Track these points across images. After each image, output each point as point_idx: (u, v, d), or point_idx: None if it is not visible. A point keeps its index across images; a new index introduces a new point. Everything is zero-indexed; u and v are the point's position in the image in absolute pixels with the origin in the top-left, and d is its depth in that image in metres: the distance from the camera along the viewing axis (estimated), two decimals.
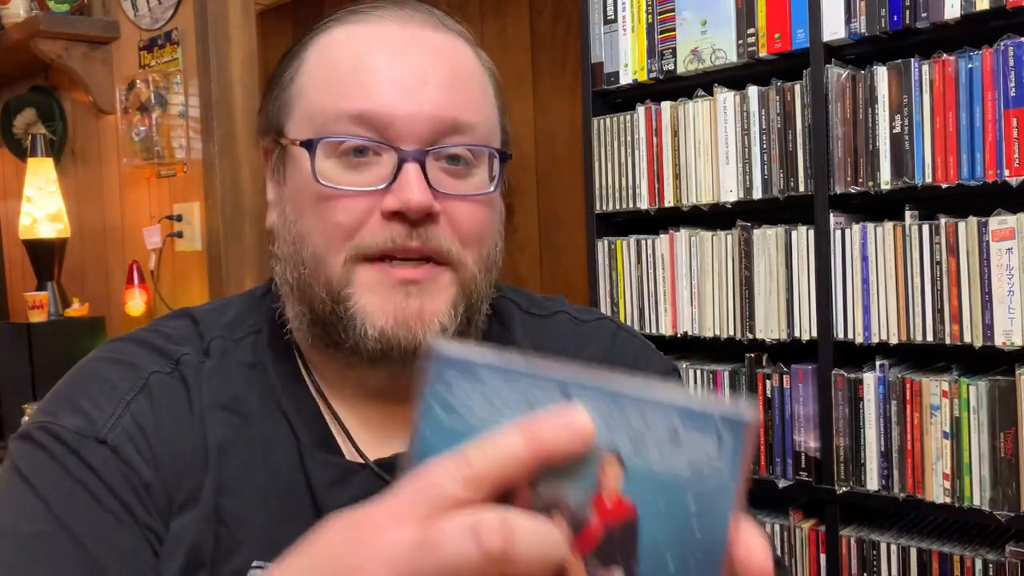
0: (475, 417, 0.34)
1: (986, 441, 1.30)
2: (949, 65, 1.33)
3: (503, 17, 2.36)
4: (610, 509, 0.32)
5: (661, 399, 0.32)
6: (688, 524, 0.32)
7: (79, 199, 2.61)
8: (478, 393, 0.34)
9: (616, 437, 0.32)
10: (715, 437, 0.32)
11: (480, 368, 0.34)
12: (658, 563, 0.32)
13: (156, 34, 2.33)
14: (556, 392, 0.33)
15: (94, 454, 0.55)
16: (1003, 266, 1.28)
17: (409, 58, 0.59)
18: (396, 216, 0.57)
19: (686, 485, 0.32)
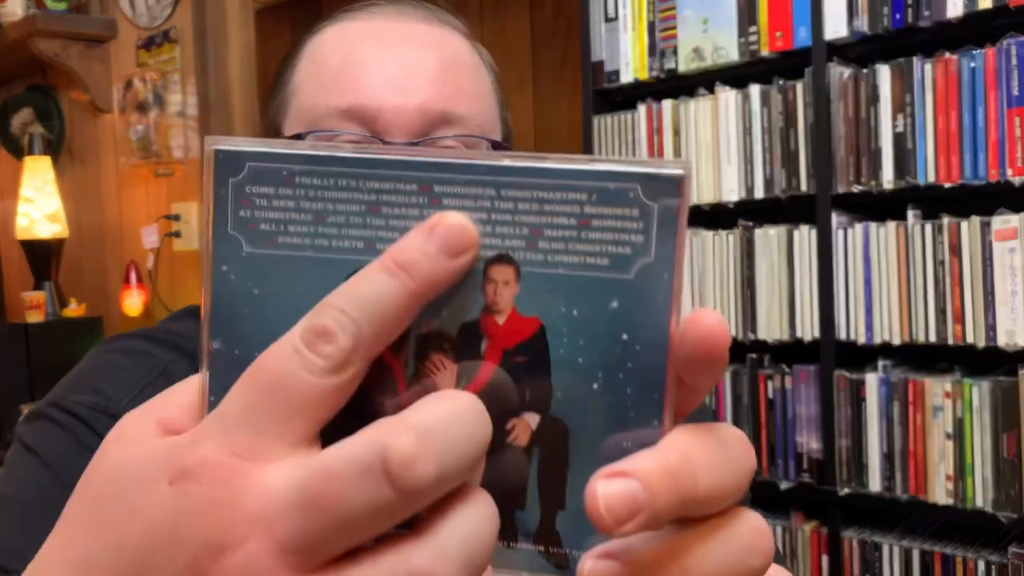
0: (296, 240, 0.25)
1: (989, 442, 1.30)
2: (952, 64, 1.32)
3: (503, 16, 2.35)
4: (504, 328, 0.25)
5: (558, 171, 0.24)
6: (612, 330, 0.24)
7: (77, 198, 2.60)
8: (295, 206, 0.25)
9: (507, 237, 0.24)
10: (637, 208, 0.24)
11: (294, 167, 0.25)
12: (579, 388, 0.24)
13: (154, 33, 2.32)
14: (414, 188, 0.24)
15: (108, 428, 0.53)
16: (1006, 266, 1.28)
17: (398, 51, 0.59)
18: None
19: (604, 280, 0.24)
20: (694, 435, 0.24)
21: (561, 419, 0.24)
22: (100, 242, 2.58)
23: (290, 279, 0.25)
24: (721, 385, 1.58)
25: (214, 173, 0.25)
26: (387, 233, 0.24)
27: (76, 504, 0.26)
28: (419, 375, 0.25)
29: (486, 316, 0.24)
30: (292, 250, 0.25)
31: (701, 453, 0.23)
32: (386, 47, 0.59)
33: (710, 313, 0.23)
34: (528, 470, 0.25)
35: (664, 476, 0.22)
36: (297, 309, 0.24)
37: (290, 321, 0.23)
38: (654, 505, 0.22)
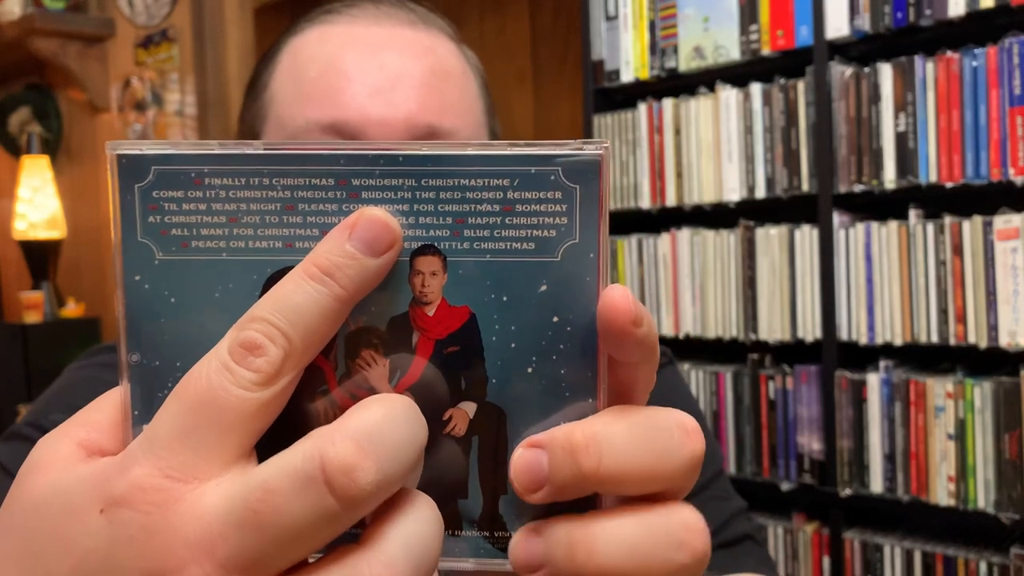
0: (210, 244, 0.24)
1: (991, 443, 1.29)
2: (953, 63, 1.32)
3: (503, 14, 2.34)
4: (434, 319, 0.24)
5: (478, 157, 0.24)
6: (542, 313, 0.24)
7: (75, 198, 2.59)
8: (207, 208, 0.24)
9: (427, 225, 0.24)
10: (559, 191, 0.24)
11: (201, 168, 0.24)
12: (513, 372, 0.24)
13: (152, 31, 2.31)
14: (331, 183, 0.24)
15: None
16: (1008, 266, 1.27)
17: (381, 59, 0.55)
18: None
19: (531, 264, 0.24)
20: (616, 415, 0.24)
21: (498, 405, 0.25)
22: (98, 242, 2.57)
23: (208, 284, 0.24)
24: (722, 385, 1.57)
25: (118, 179, 0.24)
26: (306, 231, 0.24)
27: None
28: (350, 373, 0.24)
29: (415, 308, 0.24)
30: (207, 254, 0.24)
31: (615, 432, 0.23)
32: (368, 55, 0.55)
33: (615, 288, 0.23)
34: (468, 459, 0.25)
35: (565, 450, 0.23)
36: (217, 315, 0.23)
37: (211, 328, 0.23)
38: (554, 476, 0.23)
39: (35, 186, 2.41)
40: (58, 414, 0.53)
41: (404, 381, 0.24)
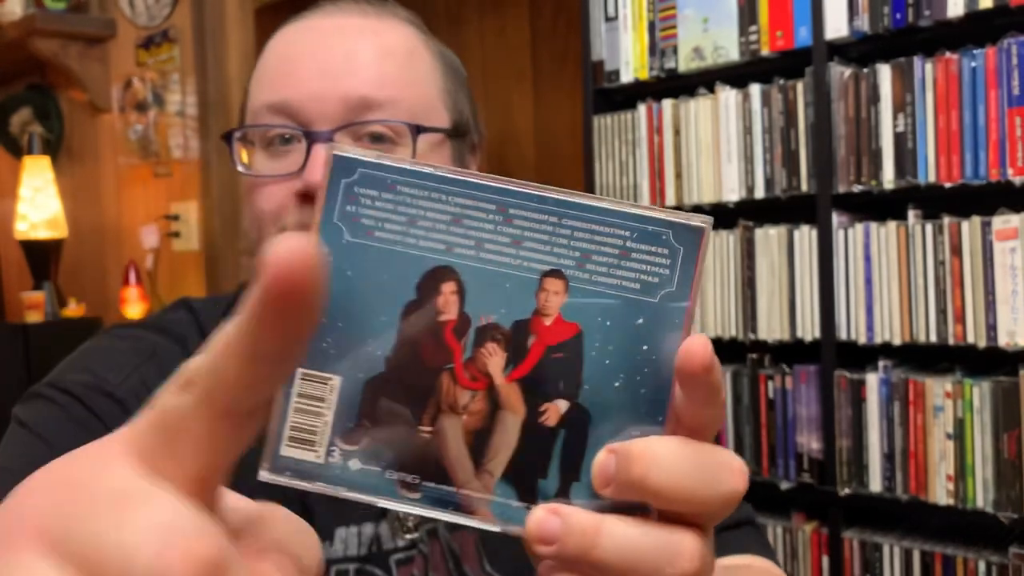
0: (387, 235, 0.30)
1: (990, 442, 1.29)
2: (952, 63, 1.32)
3: (503, 15, 2.35)
4: (549, 330, 0.30)
5: (611, 211, 0.30)
6: (636, 341, 0.30)
7: (76, 198, 2.60)
8: (392, 209, 0.30)
9: (561, 256, 0.30)
10: (667, 249, 0.30)
11: (396, 176, 0.30)
12: (603, 384, 0.30)
13: (153, 32, 2.32)
14: (492, 207, 0.30)
15: (100, 404, 0.57)
16: (1007, 266, 1.27)
17: (328, 43, 0.60)
18: (307, 198, 0.57)
19: (634, 302, 0.30)
20: (675, 443, 0.29)
21: (585, 407, 0.30)
22: (99, 242, 2.57)
23: (378, 268, 0.30)
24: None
25: (330, 172, 0.30)
26: (465, 241, 0.30)
27: None
28: (474, 358, 0.30)
29: (536, 317, 0.30)
30: (385, 244, 0.30)
31: (667, 452, 0.28)
32: (315, 41, 0.60)
33: (698, 336, 0.28)
34: (554, 446, 0.30)
35: (625, 457, 0.28)
36: (380, 292, 0.30)
37: (371, 302, 0.30)
38: (619, 478, 0.28)
39: (36, 186, 2.41)
40: (74, 375, 0.59)
41: (515, 373, 0.30)
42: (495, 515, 0.30)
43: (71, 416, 0.56)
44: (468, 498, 0.30)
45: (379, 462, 0.30)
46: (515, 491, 0.30)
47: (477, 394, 0.30)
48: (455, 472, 0.30)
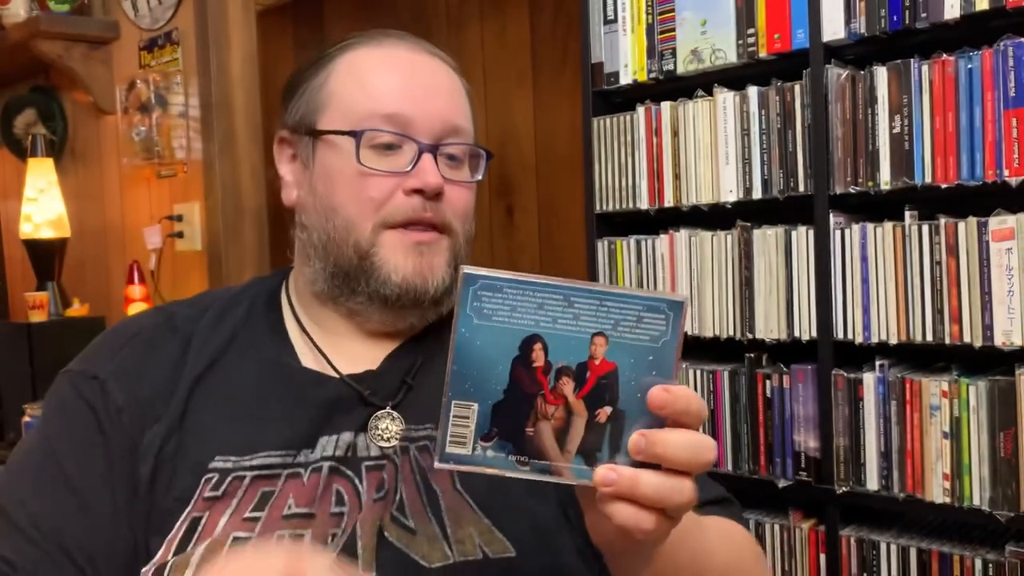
0: (500, 319, 0.51)
1: (986, 441, 1.30)
2: (949, 65, 1.33)
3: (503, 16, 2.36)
4: (598, 367, 0.52)
5: (631, 296, 0.52)
6: (648, 370, 0.52)
7: (79, 199, 2.61)
8: (502, 302, 0.51)
9: (603, 324, 0.51)
10: (663, 315, 0.52)
11: (503, 283, 0.51)
12: (632, 396, 0.52)
13: (156, 34, 2.33)
14: (560, 297, 0.51)
15: (86, 387, 0.75)
16: (1003, 266, 1.28)
17: (419, 74, 0.77)
18: (416, 193, 0.74)
19: (646, 346, 0.52)
20: (676, 432, 0.52)
21: (622, 410, 0.52)
22: (103, 243, 2.59)
23: (496, 337, 0.51)
24: (719, 384, 1.59)
25: (463, 281, 0.51)
26: (545, 319, 0.51)
27: None
28: (555, 387, 0.52)
29: (590, 360, 0.52)
30: (499, 323, 0.51)
31: (672, 438, 0.52)
32: (411, 70, 0.77)
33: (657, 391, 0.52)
34: (605, 434, 0.52)
35: (650, 440, 0.52)
36: (497, 352, 0.51)
37: (494, 357, 0.51)
38: (646, 451, 0.52)
39: (40, 187, 2.43)
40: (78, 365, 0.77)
41: (580, 394, 0.52)
42: (575, 475, 0.52)
43: (66, 410, 0.75)
44: (558, 468, 0.52)
45: (504, 450, 0.52)
46: (585, 460, 0.52)
47: (559, 408, 0.52)
48: (549, 454, 0.52)
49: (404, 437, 0.74)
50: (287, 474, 0.71)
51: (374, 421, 0.74)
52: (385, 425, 0.74)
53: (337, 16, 2.79)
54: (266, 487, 0.71)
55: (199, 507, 0.70)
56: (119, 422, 0.73)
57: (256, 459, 0.72)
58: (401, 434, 0.74)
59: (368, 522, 0.69)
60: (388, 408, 0.75)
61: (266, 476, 0.71)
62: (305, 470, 0.72)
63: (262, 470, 0.71)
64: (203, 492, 0.71)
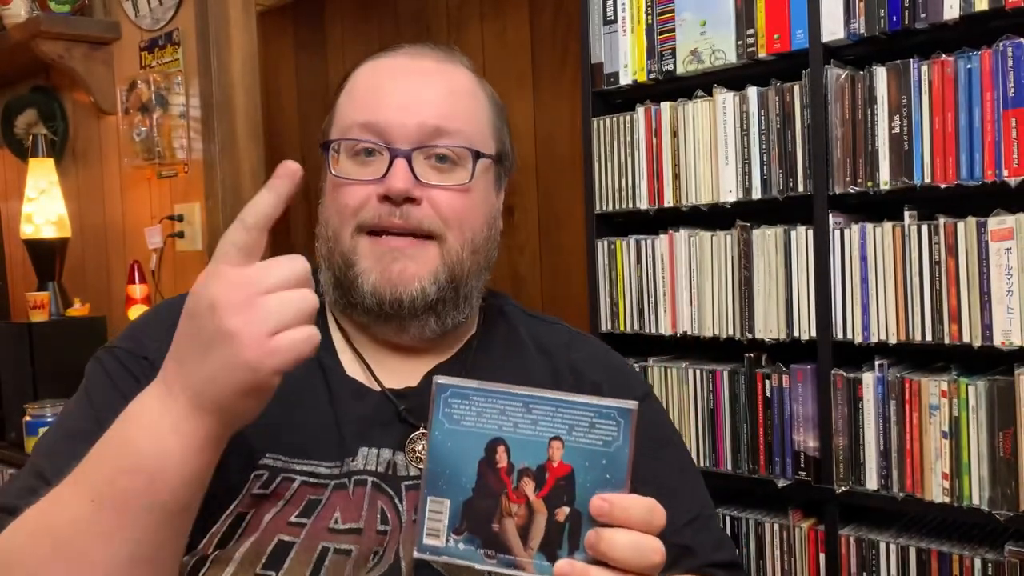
0: (468, 424, 0.57)
1: (985, 441, 1.30)
2: (948, 66, 1.33)
3: (503, 17, 2.36)
4: (556, 469, 0.56)
5: (584, 404, 0.56)
6: (602, 473, 0.56)
7: (80, 199, 2.62)
8: (469, 408, 0.58)
9: (559, 429, 0.56)
10: (614, 422, 0.56)
11: (470, 391, 0.58)
12: (587, 496, 0.56)
13: (157, 35, 2.34)
14: (520, 404, 0.57)
15: (136, 366, 0.74)
16: (1002, 266, 1.29)
17: (410, 81, 0.78)
18: (386, 199, 0.75)
19: (600, 450, 0.55)
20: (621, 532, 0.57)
21: (579, 510, 0.56)
22: (103, 243, 2.59)
23: (465, 440, 0.57)
24: (719, 383, 1.59)
25: (436, 390, 0.58)
26: (508, 423, 0.57)
27: None
28: (518, 487, 0.56)
29: (548, 462, 0.56)
30: (466, 427, 0.57)
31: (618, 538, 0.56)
32: (402, 78, 0.78)
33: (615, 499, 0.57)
34: (564, 532, 0.56)
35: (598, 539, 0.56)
36: (466, 453, 0.57)
37: (461, 457, 0.57)
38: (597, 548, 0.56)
39: (41, 188, 2.43)
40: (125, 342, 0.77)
41: (540, 494, 0.56)
42: (536, 570, 0.56)
43: (116, 386, 0.74)
44: (522, 562, 0.56)
45: (474, 544, 0.57)
46: (546, 556, 0.56)
47: (521, 506, 0.56)
48: (513, 549, 0.57)
49: None
50: (334, 484, 0.73)
51: (411, 444, 0.75)
52: (422, 446, 0.75)
53: (337, 16, 2.80)
54: (313, 495, 0.72)
55: (245, 503, 0.71)
56: None
57: (306, 465, 0.73)
58: None
59: (409, 543, 0.70)
60: (423, 428, 0.75)
61: (313, 484, 0.72)
62: (350, 481, 0.73)
63: (310, 477, 0.73)
64: (251, 488, 0.71)
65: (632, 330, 1.69)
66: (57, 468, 0.66)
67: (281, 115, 2.94)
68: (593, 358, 0.86)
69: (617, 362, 0.89)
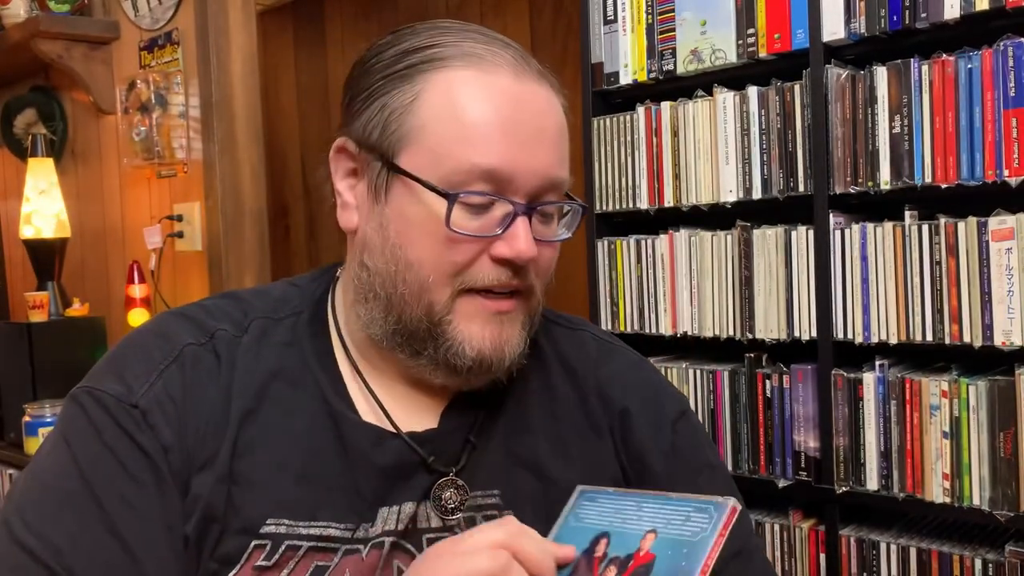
0: (589, 521, 0.63)
1: (986, 441, 1.30)
2: (949, 65, 1.33)
3: (503, 16, 2.36)
4: (641, 558, 0.58)
5: (687, 500, 0.59)
6: (680, 560, 0.57)
7: (80, 199, 2.61)
8: (593, 508, 0.64)
9: (657, 522, 0.59)
10: (708, 515, 0.58)
11: (599, 495, 0.64)
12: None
13: (156, 34, 2.33)
14: (634, 503, 0.62)
15: (126, 417, 0.65)
16: (1002, 266, 1.28)
17: (525, 113, 0.67)
18: (505, 261, 0.66)
19: (686, 540, 0.57)
20: None
21: None
22: (103, 242, 2.59)
23: (579, 535, 0.62)
24: (719, 384, 1.59)
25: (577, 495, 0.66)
26: (617, 521, 0.62)
27: None
28: (603, 574, 0.58)
29: (637, 552, 0.58)
30: (586, 524, 0.63)
31: None
32: (516, 108, 0.66)
33: None
34: None
35: None
36: (582, 541, 0.62)
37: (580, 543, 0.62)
38: None
39: (41, 188, 2.43)
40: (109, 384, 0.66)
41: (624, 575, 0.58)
42: None
43: (101, 438, 0.64)
44: None
45: None
46: None
47: None
48: None
49: (470, 506, 0.70)
50: (345, 549, 0.66)
51: (437, 491, 0.69)
52: (449, 495, 0.69)
53: (337, 16, 2.79)
54: (320, 561, 0.66)
55: (245, 575, 0.64)
56: (169, 464, 0.64)
57: (313, 528, 0.66)
58: (467, 503, 0.70)
59: None
60: (452, 475, 0.69)
61: (322, 549, 0.66)
62: (365, 546, 0.67)
63: (319, 541, 0.66)
64: (253, 560, 0.65)
65: (632, 330, 1.69)
66: (55, 549, 0.61)
67: (281, 115, 2.94)
68: (621, 377, 0.78)
69: (650, 379, 0.81)
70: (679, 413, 0.78)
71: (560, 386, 0.77)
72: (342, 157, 0.71)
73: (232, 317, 0.72)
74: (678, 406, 0.79)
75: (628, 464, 0.75)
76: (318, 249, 2.81)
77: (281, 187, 2.88)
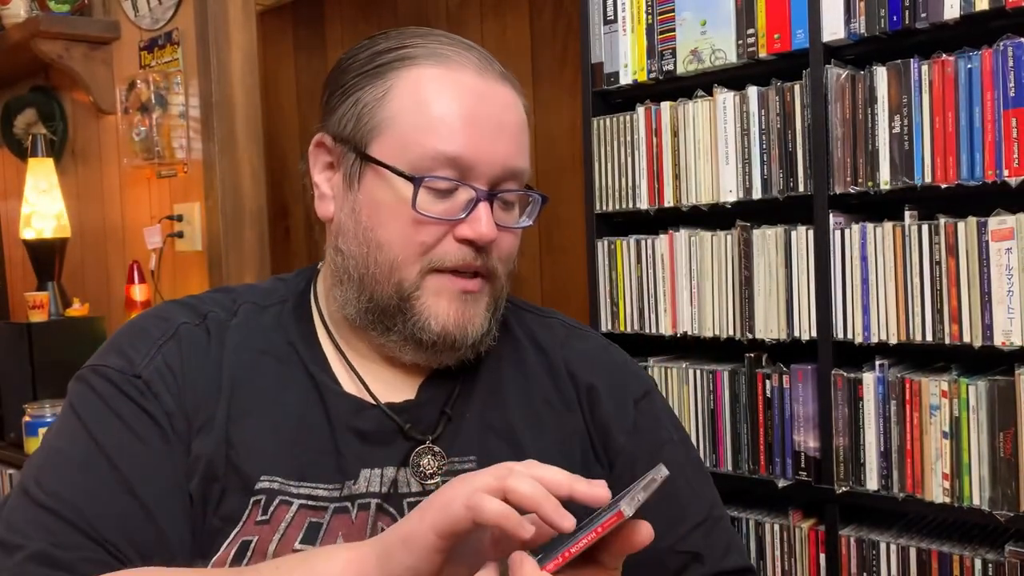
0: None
1: (985, 441, 1.30)
2: (948, 65, 1.33)
3: (503, 17, 2.36)
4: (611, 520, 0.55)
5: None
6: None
7: (80, 199, 2.61)
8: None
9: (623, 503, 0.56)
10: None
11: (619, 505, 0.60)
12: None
13: (156, 34, 2.34)
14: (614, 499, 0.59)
15: (131, 387, 0.71)
16: (1002, 266, 1.28)
17: (488, 108, 0.72)
18: (468, 242, 0.72)
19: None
20: None
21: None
22: (103, 242, 2.59)
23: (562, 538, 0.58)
24: (719, 384, 1.59)
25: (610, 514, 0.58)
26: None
27: None
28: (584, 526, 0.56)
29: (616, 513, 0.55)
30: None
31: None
32: (480, 103, 0.72)
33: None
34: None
35: None
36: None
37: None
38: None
39: (41, 188, 2.43)
40: (113, 360, 0.72)
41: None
42: None
43: (108, 406, 0.70)
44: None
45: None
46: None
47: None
48: None
49: (448, 471, 0.74)
50: (334, 508, 0.71)
51: (415, 458, 0.74)
52: (427, 461, 0.74)
53: (337, 16, 2.79)
54: (313, 517, 0.70)
55: (248, 530, 0.69)
56: (172, 427, 0.70)
57: (303, 488, 0.71)
58: (444, 468, 0.74)
59: None
60: (428, 442, 0.74)
61: (312, 507, 0.71)
62: (352, 505, 0.71)
63: (309, 499, 0.71)
64: (253, 516, 0.69)
65: (632, 330, 1.69)
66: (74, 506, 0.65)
67: (281, 115, 2.94)
68: (589, 356, 0.83)
69: (616, 359, 0.86)
70: (643, 393, 0.83)
71: (532, 363, 0.82)
72: (320, 152, 0.77)
73: (222, 304, 0.78)
74: (642, 386, 0.84)
75: (595, 435, 0.80)
76: (318, 249, 2.81)
77: (281, 187, 2.88)
